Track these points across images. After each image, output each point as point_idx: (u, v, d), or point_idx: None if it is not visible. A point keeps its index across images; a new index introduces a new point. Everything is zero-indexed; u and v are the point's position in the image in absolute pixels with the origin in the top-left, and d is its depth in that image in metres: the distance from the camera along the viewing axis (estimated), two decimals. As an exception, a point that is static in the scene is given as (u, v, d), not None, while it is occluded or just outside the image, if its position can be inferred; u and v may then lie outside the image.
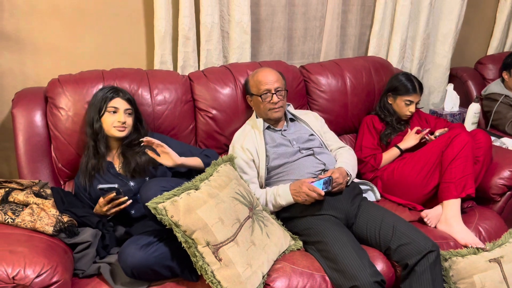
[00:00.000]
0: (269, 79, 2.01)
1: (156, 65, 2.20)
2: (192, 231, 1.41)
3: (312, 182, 1.77)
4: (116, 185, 1.61)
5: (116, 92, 1.78)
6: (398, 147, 2.24)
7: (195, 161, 1.83)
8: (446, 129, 2.22)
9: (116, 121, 1.74)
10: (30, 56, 2.04)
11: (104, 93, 1.77)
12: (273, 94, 2.00)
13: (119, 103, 1.76)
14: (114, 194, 1.60)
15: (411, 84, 2.29)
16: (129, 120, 1.78)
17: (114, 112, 1.75)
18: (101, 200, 1.63)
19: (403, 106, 2.31)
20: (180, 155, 1.78)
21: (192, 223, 1.41)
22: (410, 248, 1.65)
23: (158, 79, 2.03)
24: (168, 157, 1.73)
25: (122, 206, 1.65)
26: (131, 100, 1.81)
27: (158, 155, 1.72)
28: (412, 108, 2.30)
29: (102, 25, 2.13)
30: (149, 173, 1.78)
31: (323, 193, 1.74)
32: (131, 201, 1.66)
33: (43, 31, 2.03)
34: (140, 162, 1.76)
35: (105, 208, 1.64)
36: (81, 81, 1.89)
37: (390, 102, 2.37)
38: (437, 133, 2.20)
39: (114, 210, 1.65)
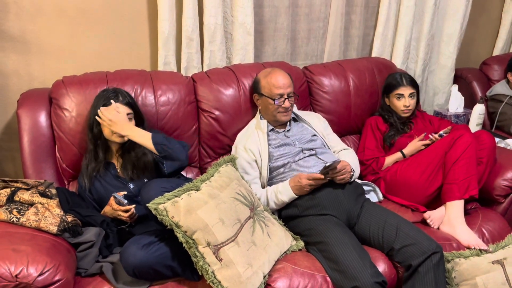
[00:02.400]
0: (283, 83, 2.01)
1: (159, 66, 2.21)
2: (192, 231, 1.42)
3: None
4: (126, 201, 1.63)
5: (115, 96, 1.76)
6: (403, 153, 2.23)
7: (142, 137, 1.72)
8: (449, 127, 2.22)
9: None
10: (35, 57, 2.07)
11: (104, 99, 1.75)
12: (285, 99, 2.01)
13: (119, 108, 1.74)
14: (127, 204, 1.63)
15: (398, 78, 2.32)
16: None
17: None
18: (117, 206, 1.64)
19: (396, 101, 2.31)
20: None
21: (193, 223, 1.42)
22: (414, 249, 1.65)
23: (161, 80, 2.05)
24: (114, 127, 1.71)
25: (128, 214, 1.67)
26: (131, 104, 1.80)
27: None
28: (405, 102, 2.29)
29: (107, 26, 2.15)
30: (148, 175, 1.79)
31: (322, 176, 1.78)
32: (133, 209, 1.66)
33: (48, 33, 2.05)
34: (138, 165, 1.76)
35: (125, 215, 1.65)
36: (85, 82, 1.91)
37: (387, 103, 2.39)
38: (441, 131, 2.19)
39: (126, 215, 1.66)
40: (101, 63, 2.16)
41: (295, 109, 2.22)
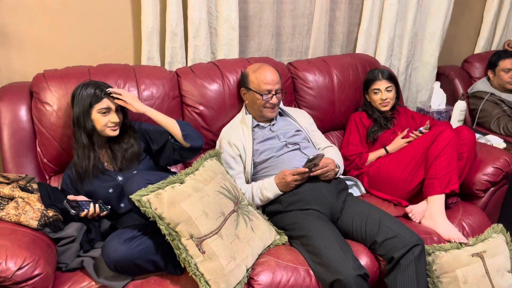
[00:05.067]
0: (272, 80, 2.01)
1: (143, 61, 2.19)
2: (175, 223, 1.42)
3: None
4: (73, 211, 1.58)
5: (101, 91, 1.71)
6: (386, 150, 2.26)
7: (166, 118, 1.76)
8: (428, 122, 2.26)
9: (109, 121, 1.71)
10: (16, 51, 2.03)
11: (92, 93, 1.70)
12: (273, 95, 2.01)
13: (109, 102, 1.72)
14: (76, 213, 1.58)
15: (375, 73, 2.37)
16: (120, 117, 1.76)
17: (106, 113, 1.71)
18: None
19: (374, 96, 2.36)
20: (159, 140, 1.81)
21: (176, 215, 1.42)
22: (395, 242, 1.67)
23: (145, 74, 2.03)
24: (129, 106, 1.74)
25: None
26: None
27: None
28: (382, 96, 2.33)
29: (89, 20, 2.12)
30: (136, 166, 1.78)
31: (306, 170, 1.80)
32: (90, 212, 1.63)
33: (29, 26, 2.02)
34: (126, 157, 1.75)
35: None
36: (66, 77, 1.88)
37: (368, 99, 2.42)
38: (421, 128, 2.23)
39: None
40: (83, 57, 2.13)
41: (280, 104, 2.23)
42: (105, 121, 1.71)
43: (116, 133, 1.74)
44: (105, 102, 1.71)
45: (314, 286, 1.61)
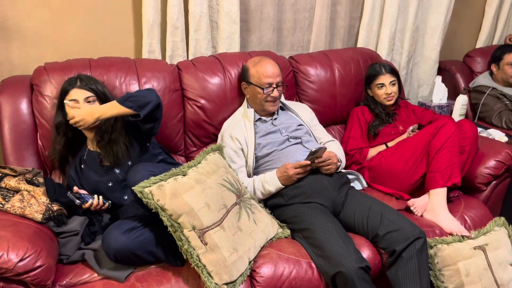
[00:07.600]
0: (272, 73, 2.00)
1: (144, 54, 2.19)
2: (178, 215, 1.42)
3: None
4: (78, 201, 1.59)
5: (73, 82, 1.70)
6: (387, 145, 2.26)
7: (113, 110, 1.61)
8: (416, 125, 2.28)
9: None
10: (17, 45, 2.02)
11: (63, 86, 1.71)
12: (274, 88, 2.00)
13: (77, 94, 1.68)
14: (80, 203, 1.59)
15: (378, 67, 2.36)
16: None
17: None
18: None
19: (378, 91, 2.34)
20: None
21: (178, 207, 1.41)
22: (397, 235, 1.67)
23: (146, 67, 2.02)
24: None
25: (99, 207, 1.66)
26: (92, 88, 1.71)
27: None
28: (386, 90, 2.32)
29: (90, 13, 2.11)
30: (129, 157, 1.74)
31: (308, 162, 1.80)
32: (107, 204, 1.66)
33: (30, 19, 2.01)
34: (116, 150, 1.71)
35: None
36: (68, 69, 1.87)
37: (370, 94, 2.41)
38: (411, 128, 2.25)
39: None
40: (84, 51, 2.12)
41: (282, 98, 2.22)
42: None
43: (78, 125, 1.65)
44: (73, 94, 1.69)
45: (316, 278, 1.61)
